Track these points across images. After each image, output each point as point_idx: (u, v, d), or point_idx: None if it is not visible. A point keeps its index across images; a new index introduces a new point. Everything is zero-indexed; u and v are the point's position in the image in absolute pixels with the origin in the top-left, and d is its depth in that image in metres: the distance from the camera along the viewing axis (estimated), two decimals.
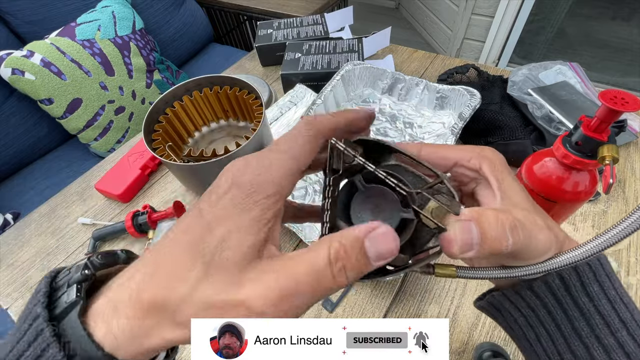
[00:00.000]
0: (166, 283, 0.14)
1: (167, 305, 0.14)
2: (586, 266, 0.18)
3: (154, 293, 0.14)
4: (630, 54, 1.81)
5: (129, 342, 0.14)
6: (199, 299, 0.14)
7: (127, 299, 0.14)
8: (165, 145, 0.57)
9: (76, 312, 0.14)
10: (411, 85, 0.65)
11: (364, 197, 0.19)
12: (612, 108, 0.27)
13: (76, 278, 0.15)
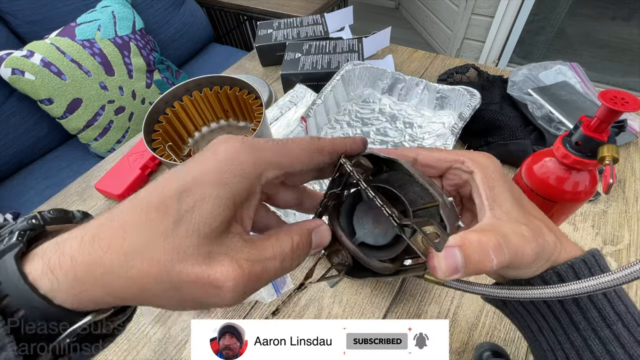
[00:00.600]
0: (126, 233, 0.13)
1: (127, 255, 0.13)
2: (582, 263, 0.19)
3: (110, 241, 0.13)
4: (630, 54, 1.80)
5: (71, 284, 0.13)
6: (163, 260, 0.13)
7: (77, 243, 0.13)
8: (165, 145, 0.57)
9: (12, 254, 0.13)
10: (411, 85, 0.65)
11: (368, 207, 0.21)
12: (612, 108, 0.27)
13: (21, 226, 0.15)
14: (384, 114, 0.66)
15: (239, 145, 0.16)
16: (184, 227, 0.14)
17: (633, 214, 0.51)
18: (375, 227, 0.20)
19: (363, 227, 0.21)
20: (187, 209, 0.14)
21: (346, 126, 0.65)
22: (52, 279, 0.13)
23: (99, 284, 0.13)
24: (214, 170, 0.15)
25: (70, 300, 0.13)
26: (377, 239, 0.20)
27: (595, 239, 0.49)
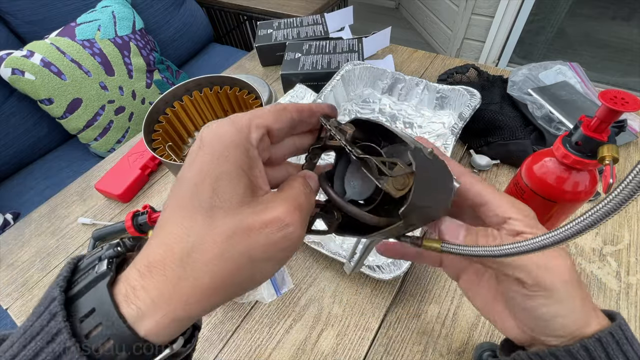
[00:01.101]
0: (172, 246, 0.14)
1: (182, 260, 0.14)
2: (609, 336, 0.19)
3: (164, 262, 0.14)
4: (630, 54, 1.81)
5: (152, 311, 0.13)
6: (219, 239, 0.14)
7: (138, 274, 0.14)
8: (165, 145, 0.57)
9: (105, 282, 0.14)
10: (411, 85, 0.65)
11: (356, 168, 0.22)
12: (612, 108, 0.27)
13: (108, 254, 0.16)
14: (384, 114, 0.66)
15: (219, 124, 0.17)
16: (219, 209, 0.15)
17: (633, 214, 0.51)
18: (361, 185, 0.22)
19: (352, 187, 0.22)
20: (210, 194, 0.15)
21: None
22: (135, 308, 0.13)
23: (175, 300, 0.13)
24: (210, 152, 0.16)
25: (154, 328, 0.13)
26: (362, 194, 0.22)
27: (596, 239, 0.49)
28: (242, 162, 0.16)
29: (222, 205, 0.15)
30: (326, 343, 0.43)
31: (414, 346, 0.42)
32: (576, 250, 0.48)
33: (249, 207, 0.15)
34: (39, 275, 0.53)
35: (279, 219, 0.15)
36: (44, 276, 0.53)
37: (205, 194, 0.15)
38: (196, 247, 0.14)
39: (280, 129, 0.19)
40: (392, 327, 0.44)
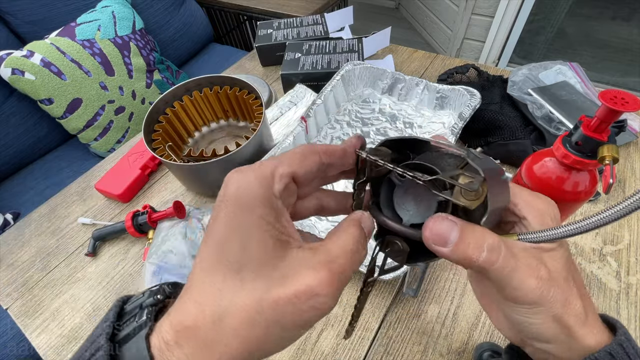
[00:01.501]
0: (203, 307, 0.14)
1: (215, 323, 0.14)
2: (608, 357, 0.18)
3: (195, 322, 0.14)
4: (630, 54, 1.80)
5: None
6: (249, 304, 0.14)
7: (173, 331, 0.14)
8: (165, 145, 0.57)
9: (143, 335, 0.14)
10: (411, 85, 0.65)
11: (404, 190, 0.21)
12: (612, 108, 0.27)
13: (149, 302, 0.16)
14: (384, 114, 0.66)
15: (242, 175, 0.16)
16: (248, 270, 0.14)
17: (633, 214, 0.51)
18: (417, 206, 0.20)
19: (407, 210, 0.21)
20: (238, 252, 0.15)
21: (346, 126, 0.65)
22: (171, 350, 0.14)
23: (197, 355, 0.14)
24: (234, 206, 0.15)
25: None
26: (423, 216, 0.20)
27: (596, 239, 0.49)
28: (267, 215, 0.15)
29: (250, 264, 0.15)
30: (326, 343, 0.43)
31: (414, 346, 0.42)
32: (576, 250, 0.48)
33: (277, 269, 0.15)
34: (39, 275, 0.53)
35: (309, 290, 0.14)
36: (44, 276, 0.53)
37: (233, 251, 0.15)
38: (227, 312, 0.14)
39: (307, 173, 0.18)
40: (392, 327, 0.44)
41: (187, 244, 0.49)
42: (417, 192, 0.20)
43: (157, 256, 0.48)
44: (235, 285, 0.14)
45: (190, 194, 0.62)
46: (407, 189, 0.21)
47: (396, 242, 0.20)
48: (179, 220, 0.53)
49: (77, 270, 0.53)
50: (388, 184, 0.21)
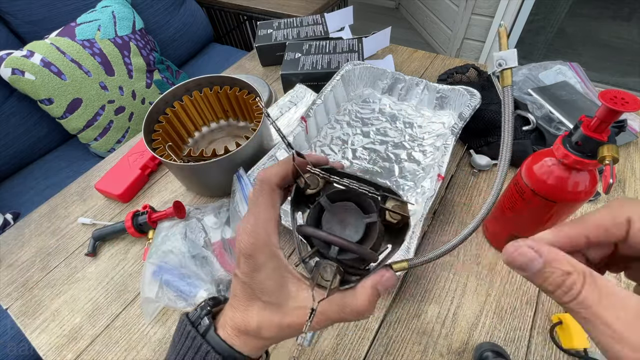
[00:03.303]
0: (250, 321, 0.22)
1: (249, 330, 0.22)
2: None
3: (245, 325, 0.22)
4: (630, 54, 1.81)
5: (243, 345, 0.22)
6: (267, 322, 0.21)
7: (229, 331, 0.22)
8: (165, 145, 0.57)
9: (212, 329, 0.22)
10: (411, 85, 0.65)
11: (331, 215, 0.22)
12: (612, 108, 0.27)
13: (205, 313, 0.24)
14: (384, 114, 0.66)
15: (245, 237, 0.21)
16: (269, 304, 0.21)
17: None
18: (344, 229, 0.22)
19: (334, 233, 0.22)
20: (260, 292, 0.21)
21: (346, 126, 0.65)
22: (235, 343, 0.22)
23: (257, 346, 0.22)
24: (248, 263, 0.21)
25: (247, 351, 0.22)
26: (352, 237, 0.21)
27: None
28: (276, 265, 0.21)
29: (270, 300, 0.21)
30: (326, 343, 0.43)
31: (414, 346, 0.42)
32: None
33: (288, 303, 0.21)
34: (39, 275, 0.53)
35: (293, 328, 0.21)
36: (44, 276, 0.53)
37: (257, 291, 0.21)
38: (262, 327, 0.21)
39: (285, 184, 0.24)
40: (392, 327, 0.44)
41: (187, 244, 0.49)
42: (344, 217, 0.22)
43: (157, 256, 0.48)
44: (265, 313, 0.21)
45: (190, 194, 0.62)
46: (334, 214, 0.22)
47: (330, 265, 0.21)
48: (179, 220, 0.53)
49: (77, 270, 0.53)
50: (318, 207, 0.22)
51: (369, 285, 0.21)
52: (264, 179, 0.22)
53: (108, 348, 0.45)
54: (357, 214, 0.22)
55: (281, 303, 0.21)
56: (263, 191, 0.22)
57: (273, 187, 0.22)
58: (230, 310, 0.22)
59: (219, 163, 0.51)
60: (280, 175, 0.22)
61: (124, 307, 0.49)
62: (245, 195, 0.50)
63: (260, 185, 0.22)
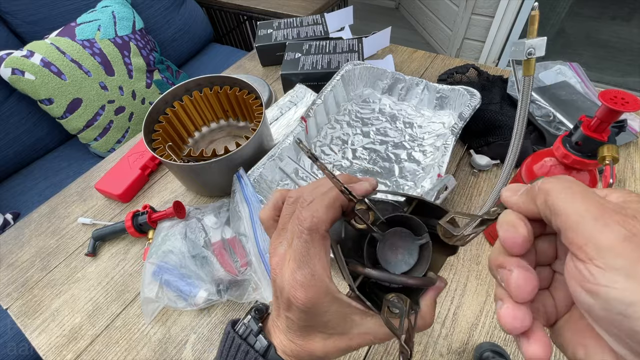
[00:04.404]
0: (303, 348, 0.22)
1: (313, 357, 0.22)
2: None
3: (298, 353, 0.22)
4: (630, 54, 1.80)
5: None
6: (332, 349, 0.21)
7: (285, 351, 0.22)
8: (165, 145, 0.57)
9: (273, 350, 0.22)
10: (411, 85, 0.65)
11: (385, 244, 0.22)
12: (612, 108, 0.27)
13: (257, 329, 0.23)
14: (384, 114, 0.66)
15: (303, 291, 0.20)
16: (333, 335, 0.21)
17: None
18: (398, 255, 0.22)
19: (390, 264, 0.22)
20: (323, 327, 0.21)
21: (346, 126, 0.65)
22: None
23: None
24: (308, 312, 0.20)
25: None
26: (408, 261, 0.22)
27: None
28: (339, 306, 0.20)
29: (334, 332, 0.21)
30: None
31: (414, 346, 0.42)
32: None
33: (348, 334, 0.21)
34: (39, 275, 0.53)
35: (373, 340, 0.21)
36: (44, 276, 0.53)
37: (319, 328, 0.21)
38: (327, 354, 0.21)
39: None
40: None
41: (187, 244, 0.49)
42: (397, 243, 0.22)
43: (157, 256, 0.48)
44: (330, 341, 0.21)
45: (190, 194, 0.62)
46: (387, 242, 0.22)
47: (394, 298, 0.21)
48: (179, 220, 0.53)
49: (77, 270, 0.53)
50: (370, 240, 0.22)
51: (431, 302, 0.22)
52: (313, 228, 0.20)
53: (108, 348, 0.45)
54: (408, 237, 0.22)
55: (346, 332, 0.21)
56: (315, 241, 0.20)
57: (324, 235, 0.20)
58: (287, 341, 0.22)
59: (219, 163, 0.51)
60: (330, 222, 0.20)
61: (124, 307, 0.49)
62: (246, 195, 0.50)
63: (310, 234, 0.20)
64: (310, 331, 0.21)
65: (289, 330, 0.22)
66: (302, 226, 0.20)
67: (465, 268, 0.48)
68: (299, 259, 0.19)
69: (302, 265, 0.19)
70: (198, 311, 0.47)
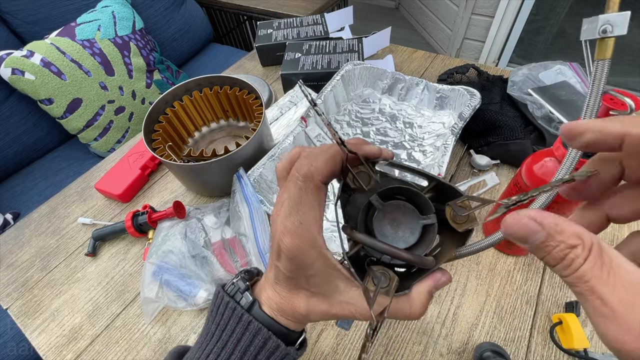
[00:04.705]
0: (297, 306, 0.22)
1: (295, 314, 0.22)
2: None
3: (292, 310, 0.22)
4: (630, 54, 1.80)
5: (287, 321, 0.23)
6: (315, 309, 0.22)
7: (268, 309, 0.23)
8: (165, 145, 0.57)
9: (258, 306, 0.23)
10: (411, 85, 0.65)
11: (383, 215, 0.20)
12: (612, 108, 0.27)
13: (244, 287, 0.24)
14: (384, 114, 0.66)
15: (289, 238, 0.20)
16: (315, 294, 0.21)
17: None
18: (398, 231, 0.20)
19: (386, 237, 0.21)
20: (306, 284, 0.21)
21: (346, 126, 0.65)
22: (280, 321, 0.23)
23: (295, 324, 0.23)
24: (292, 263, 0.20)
25: (292, 327, 0.23)
26: (407, 240, 0.20)
27: None
28: (325, 264, 0.20)
29: (317, 292, 0.21)
30: (326, 343, 0.43)
31: (414, 346, 0.42)
32: None
33: (335, 296, 0.21)
34: (39, 275, 0.53)
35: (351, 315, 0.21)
36: (44, 276, 0.53)
37: (303, 284, 0.21)
38: (310, 313, 0.22)
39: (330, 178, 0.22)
40: (392, 327, 0.44)
41: (187, 244, 0.49)
42: (396, 217, 0.20)
43: (157, 256, 0.48)
44: (311, 302, 0.22)
45: (190, 194, 0.62)
46: (386, 213, 0.20)
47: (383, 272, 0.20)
48: (179, 220, 0.53)
49: (77, 270, 0.53)
50: (368, 206, 0.21)
51: (425, 290, 0.20)
52: (308, 176, 0.19)
53: (108, 348, 0.45)
54: (412, 213, 0.20)
55: (328, 295, 0.21)
56: (308, 189, 0.19)
57: (319, 185, 0.20)
58: (273, 293, 0.22)
59: (219, 163, 0.51)
60: (327, 173, 0.20)
61: (124, 307, 0.49)
62: (246, 195, 0.50)
63: (305, 181, 0.19)
64: (295, 285, 0.21)
65: (275, 282, 0.22)
66: (298, 172, 0.19)
67: (465, 268, 0.48)
68: (291, 205, 0.19)
69: (292, 212, 0.19)
70: (198, 311, 0.47)
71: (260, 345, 0.22)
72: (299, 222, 0.19)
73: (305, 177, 0.19)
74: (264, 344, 0.22)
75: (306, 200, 0.19)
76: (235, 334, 0.22)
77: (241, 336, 0.22)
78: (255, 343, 0.22)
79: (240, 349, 0.22)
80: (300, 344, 0.24)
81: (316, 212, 0.20)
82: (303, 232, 0.19)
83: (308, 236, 0.19)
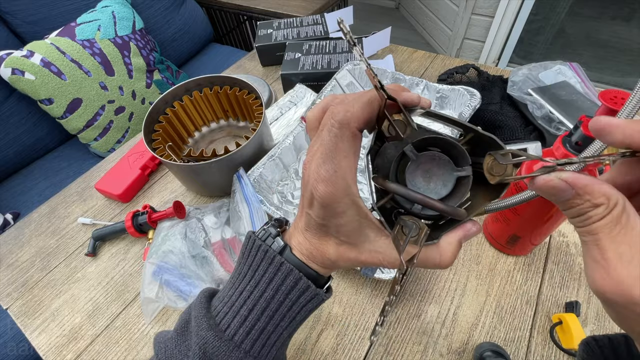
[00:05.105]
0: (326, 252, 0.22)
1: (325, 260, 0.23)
2: None
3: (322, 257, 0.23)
4: (630, 54, 1.80)
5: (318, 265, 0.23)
6: (343, 256, 0.22)
7: (299, 253, 0.23)
8: (165, 145, 0.57)
9: (289, 250, 0.23)
10: (411, 85, 0.65)
11: (416, 166, 0.20)
12: (612, 108, 0.27)
13: (275, 233, 0.24)
14: None
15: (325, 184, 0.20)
16: (344, 243, 0.22)
17: None
18: (430, 182, 0.20)
19: (418, 188, 0.20)
20: (336, 232, 0.21)
21: None
22: (310, 265, 0.23)
23: (324, 269, 0.23)
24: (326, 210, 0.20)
25: (321, 272, 0.23)
26: (439, 192, 0.20)
27: None
28: (357, 213, 0.20)
29: (347, 240, 0.21)
30: (326, 343, 0.43)
31: (414, 346, 0.42)
32: (576, 250, 0.48)
33: (365, 245, 0.21)
34: (39, 275, 0.53)
35: (380, 263, 0.22)
36: (44, 276, 0.53)
37: (333, 232, 0.21)
38: (338, 260, 0.22)
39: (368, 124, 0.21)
40: (392, 327, 0.44)
41: (187, 244, 0.49)
42: (429, 168, 0.20)
43: (157, 256, 0.48)
44: (340, 250, 0.22)
45: (190, 194, 0.62)
46: (419, 164, 0.20)
47: (413, 222, 0.19)
48: (179, 220, 0.53)
49: (77, 270, 0.53)
50: (401, 156, 0.20)
51: (455, 240, 0.20)
52: (344, 122, 0.19)
53: (108, 348, 0.45)
54: (446, 165, 0.20)
55: (358, 243, 0.21)
56: (344, 137, 0.19)
57: (355, 132, 0.19)
58: (303, 239, 0.23)
59: (219, 163, 0.51)
60: (364, 120, 0.19)
61: (124, 307, 0.49)
62: (246, 195, 0.50)
63: (340, 128, 0.19)
64: (325, 232, 0.21)
65: (306, 229, 0.22)
66: (333, 119, 0.19)
67: (465, 268, 0.48)
68: (326, 152, 0.19)
69: (327, 159, 0.19)
70: None
71: (291, 285, 0.22)
72: (333, 170, 0.19)
73: (341, 123, 0.19)
74: (295, 284, 0.22)
75: (341, 148, 0.19)
76: (267, 274, 0.23)
77: (273, 276, 0.22)
78: (287, 283, 0.22)
79: (273, 288, 0.22)
80: (327, 288, 0.25)
81: (351, 161, 0.20)
82: (337, 180, 0.19)
83: (342, 184, 0.19)
